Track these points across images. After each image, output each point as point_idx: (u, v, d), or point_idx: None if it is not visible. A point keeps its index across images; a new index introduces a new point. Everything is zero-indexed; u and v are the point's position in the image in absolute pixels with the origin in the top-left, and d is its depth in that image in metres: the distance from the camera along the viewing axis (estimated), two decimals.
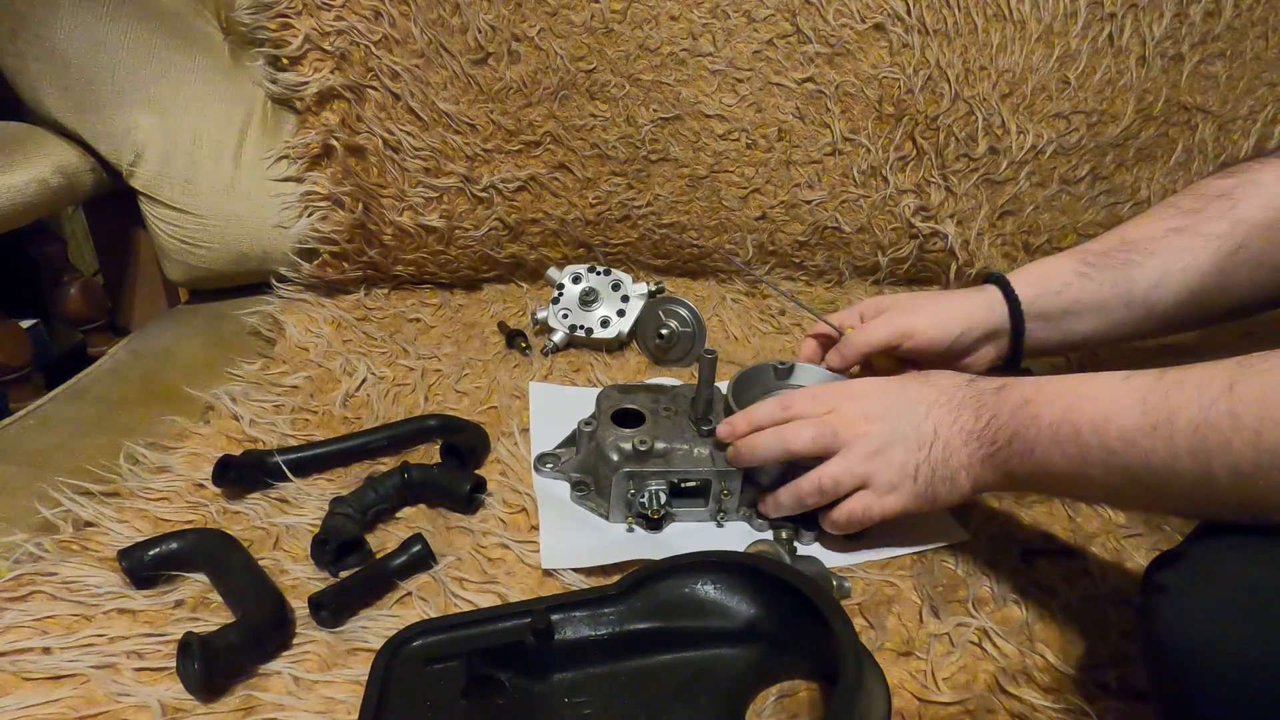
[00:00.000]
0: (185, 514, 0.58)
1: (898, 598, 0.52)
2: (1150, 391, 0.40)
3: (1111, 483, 0.42)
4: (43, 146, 0.84)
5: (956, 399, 0.51)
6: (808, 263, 0.98)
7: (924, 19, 0.89)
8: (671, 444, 0.59)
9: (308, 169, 0.87)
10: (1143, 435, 0.39)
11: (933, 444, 0.51)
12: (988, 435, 0.48)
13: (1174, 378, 0.40)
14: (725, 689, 0.45)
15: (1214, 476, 0.36)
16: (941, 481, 0.51)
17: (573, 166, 0.91)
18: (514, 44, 0.87)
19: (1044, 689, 0.46)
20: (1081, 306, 0.61)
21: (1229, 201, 0.58)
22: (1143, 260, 0.59)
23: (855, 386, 0.56)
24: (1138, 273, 0.59)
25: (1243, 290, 0.58)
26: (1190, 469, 0.37)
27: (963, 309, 0.62)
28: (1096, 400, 0.42)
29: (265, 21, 0.84)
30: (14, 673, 0.45)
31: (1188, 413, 0.37)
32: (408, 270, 0.93)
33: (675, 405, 0.63)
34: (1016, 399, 0.47)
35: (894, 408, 0.53)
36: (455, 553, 0.55)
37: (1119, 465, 0.41)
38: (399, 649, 0.45)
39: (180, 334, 0.87)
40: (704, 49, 0.90)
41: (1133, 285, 0.59)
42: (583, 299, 0.83)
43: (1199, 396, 0.37)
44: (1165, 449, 0.38)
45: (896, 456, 0.52)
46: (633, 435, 0.59)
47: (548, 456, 0.64)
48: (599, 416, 0.62)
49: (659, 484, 0.57)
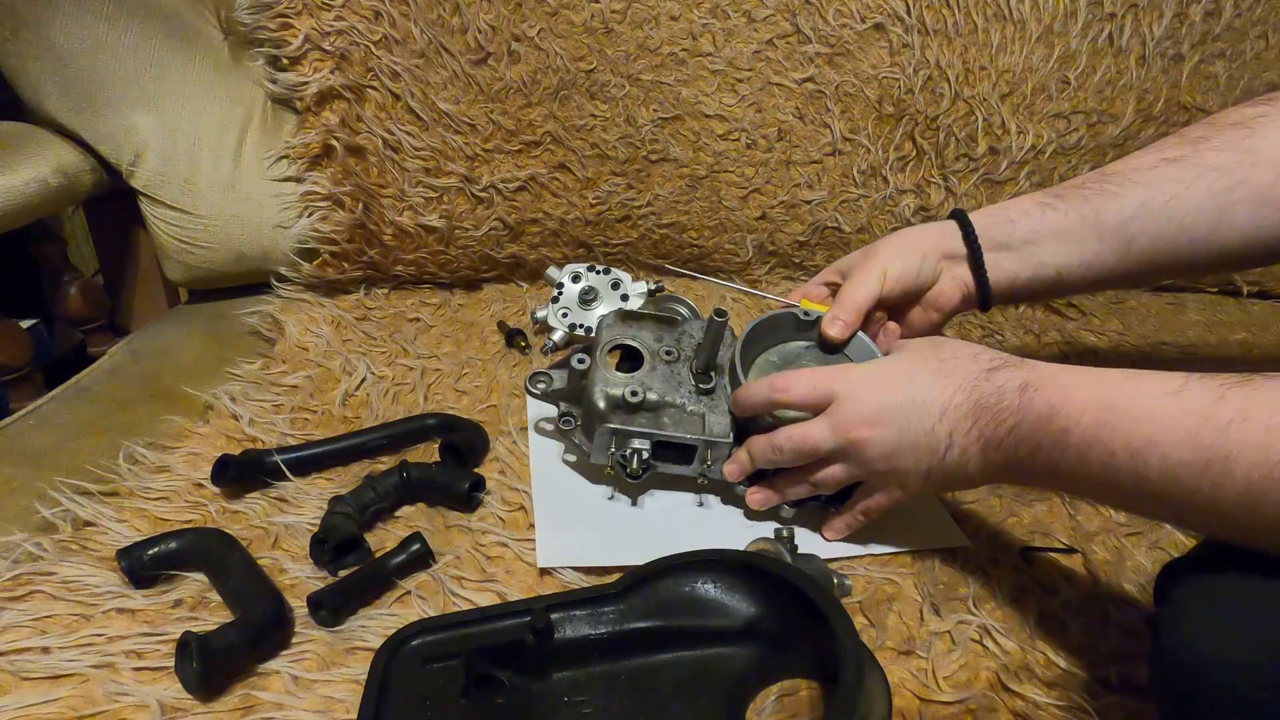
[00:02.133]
0: (184, 513, 0.58)
1: (898, 596, 0.52)
2: (1205, 424, 0.34)
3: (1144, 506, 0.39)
4: (43, 146, 0.84)
5: (974, 397, 0.46)
6: (808, 263, 0.98)
7: (924, 19, 0.89)
8: (664, 397, 0.56)
9: (308, 169, 0.87)
10: (1189, 473, 0.34)
11: (947, 450, 0.47)
12: (1009, 445, 0.44)
13: (1237, 408, 0.34)
14: (725, 688, 0.45)
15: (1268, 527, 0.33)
16: (954, 480, 0.49)
17: (573, 166, 0.91)
18: (514, 44, 0.87)
19: (1046, 686, 0.46)
20: (1043, 235, 0.56)
21: (1244, 130, 0.52)
22: (1119, 190, 0.55)
23: (857, 375, 0.52)
24: (1110, 202, 0.55)
25: (1241, 229, 0.52)
26: (1239, 515, 0.33)
27: (919, 235, 0.59)
28: (1137, 422, 0.37)
29: (265, 21, 0.84)
30: (13, 672, 0.45)
31: (1247, 461, 0.33)
32: (408, 270, 0.93)
33: (679, 347, 0.59)
34: (1042, 406, 0.42)
35: (902, 408, 0.48)
36: (454, 551, 0.55)
37: (1154, 493, 0.37)
38: (398, 648, 0.45)
39: (180, 334, 0.87)
40: (704, 49, 0.90)
41: (1103, 214, 0.55)
42: (582, 298, 0.83)
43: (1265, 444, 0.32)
44: (1212, 492, 0.34)
45: (906, 463, 0.49)
46: (626, 383, 0.56)
47: (540, 376, 0.61)
48: (596, 349, 0.59)
49: (643, 443, 0.55)
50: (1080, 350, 0.85)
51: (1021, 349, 0.86)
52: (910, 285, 0.58)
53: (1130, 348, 0.87)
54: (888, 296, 0.58)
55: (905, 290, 0.58)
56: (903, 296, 0.59)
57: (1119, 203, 0.54)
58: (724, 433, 0.56)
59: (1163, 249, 0.54)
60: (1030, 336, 0.88)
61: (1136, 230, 0.54)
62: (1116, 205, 0.54)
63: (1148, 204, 0.53)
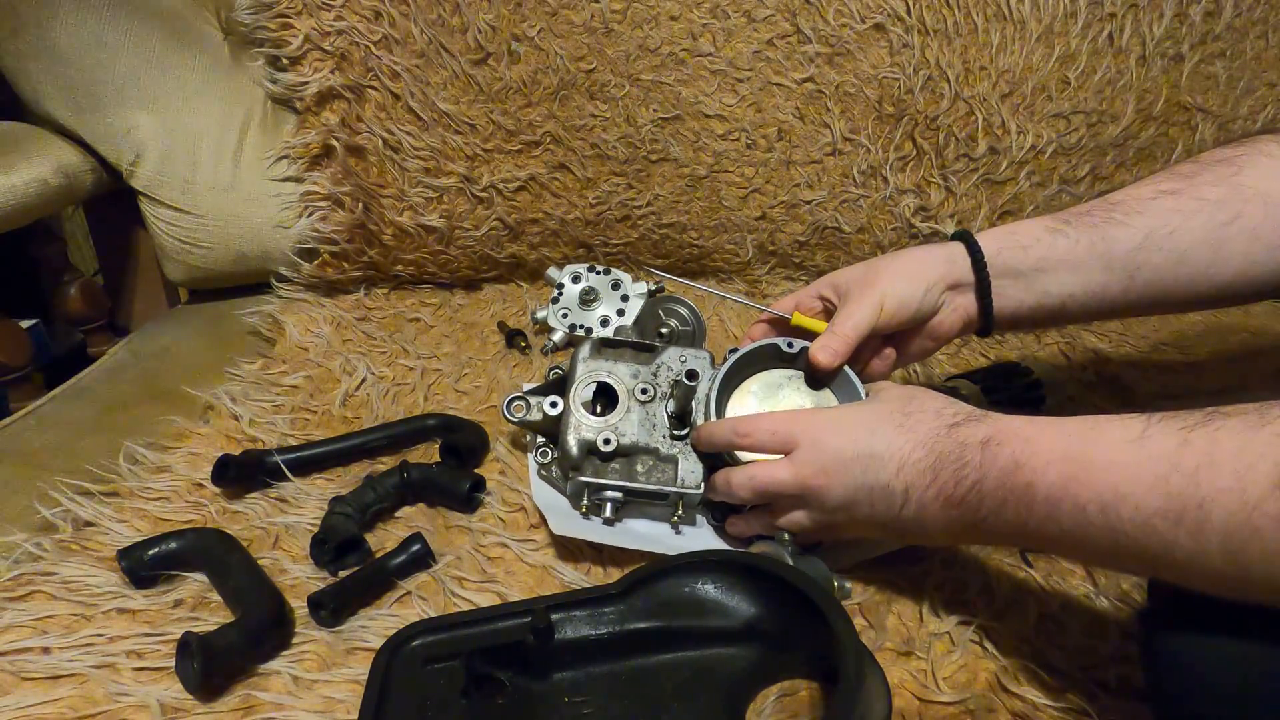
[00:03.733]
0: (185, 514, 0.58)
1: (898, 597, 0.52)
2: (1173, 470, 0.33)
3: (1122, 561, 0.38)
4: (43, 146, 0.84)
5: (934, 453, 0.45)
6: (808, 263, 0.98)
7: (924, 19, 0.89)
8: (638, 441, 0.56)
9: (308, 169, 0.87)
10: (1165, 524, 0.33)
11: (904, 506, 0.46)
12: (971, 502, 0.42)
13: (1202, 451, 0.33)
14: (725, 689, 0.45)
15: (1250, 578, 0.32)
16: (913, 535, 0.48)
17: (573, 166, 0.91)
18: (514, 44, 0.87)
19: (1045, 688, 0.46)
20: (1053, 263, 0.55)
21: (1231, 167, 0.53)
22: (1126, 219, 0.54)
23: (819, 422, 0.51)
24: (1119, 231, 0.54)
25: (1235, 264, 0.53)
26: (1223, 567, 0.32)
27: (923, 262, 0.57)
28: (1103, 472, 0.36)
29: (265, 21, 0.84)
30: (13, 672, 0.45)
31: (1224, 509, 0.32)
32: (408, 270, 0.93)
33: (656, 384, 0.58)
34: (1006, 461, 0.41)
35: (860, 460, 0.47)
36: (454, 552, 0.55)
37: (1131, 547, 0.35)
38: (399, 648, 0.45)
39: (180, 334, 0.87)
40: (704, 49, 0.90)
41: (1112, 244, 0.54)
42: (582, 298, 0.83)
43: (1239, 489, 0.31)
44: (1191, 544, 0.33)
45: (862, 513, 0.48)
46: (599, 429, 0.56)
47: (517, 401, 0.61)
48: (570, 389, 0.59)
49: (616, 493, 0.55)
50: (1080, 350, 0.85)
51: (1021, 349, 0.86)
52: (909, 318, 0.56)
53: (1130, 348, 0.87)
54: (883, 328, 0.56)
55: (903, 322, 0.57)
56: (899, 327, 0.57)
57: (1127, 232, 0.54)
58: (695, 483, 0.56)
59: (1163, 281, 0.54)
60: (1030, 338, 0.88)
61: (1141, 261, 0.54)
62: (1125, 235, 0.54)
63: (1152, 235, 0.53)
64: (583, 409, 0.58)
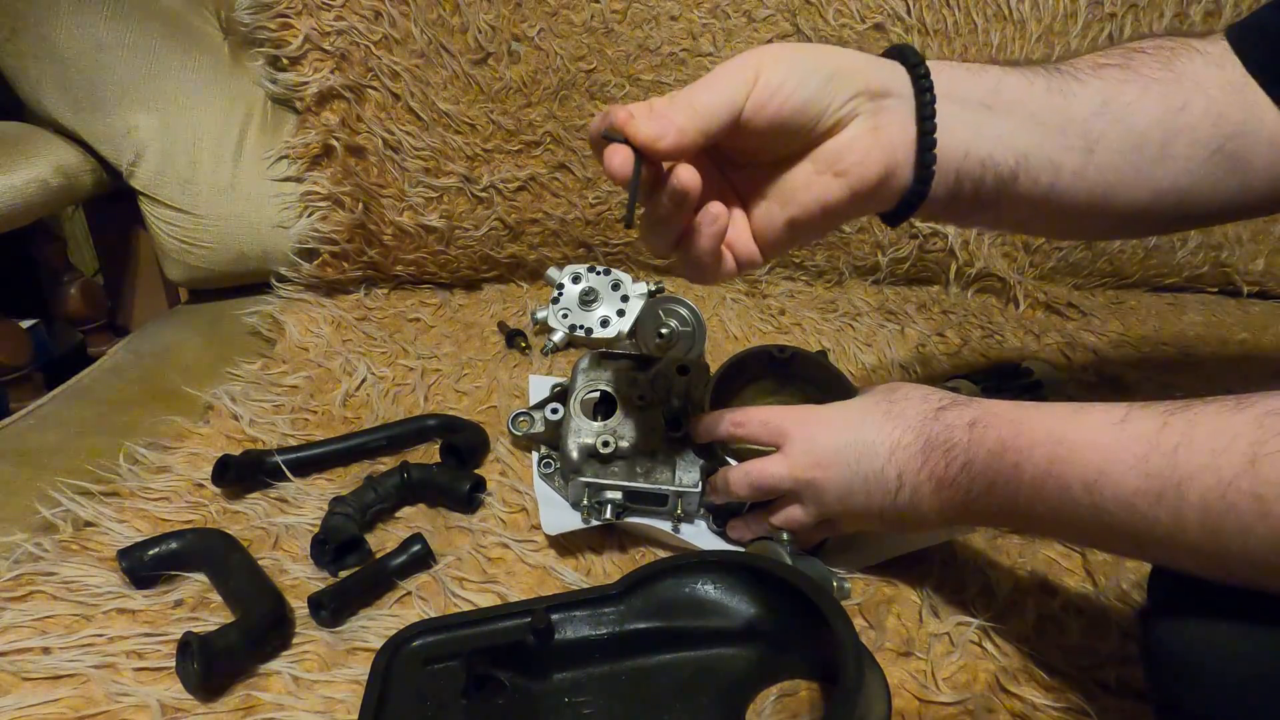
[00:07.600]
0: (185, 514, 0.58)
1: (897, 598, 0.52)
2: (1152, 450, 0.34)
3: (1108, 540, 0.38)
4: (43, 146, 0.84)
5: (923, 438, 0.45)
6: (808, 263, 0.98)
7: (924, 19, 0.89)
8: (637, 445, 0.58)
9: (308, 169, 0.87)
10: (1145, 503, 0.34)
11: (898, 491, 0.46)
12: (961, 483, 0.43)
13: (1181, 432, 0.34)
14: (725, 689, 0.45)
15: (1228, 554, 0.32)
16: (910, 521, 0.48)
17: (573, 166, 0.91)
18: (514, 44, 0.87)
19: (1044, 688, 0.46)
20: (1007, 102, 0.44)
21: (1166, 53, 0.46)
22: (1079, 76, 0.46)
23: (810, 416, 0.51)
24: (1078, 88, 0.45)
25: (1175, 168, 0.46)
26: (1201, 543, 0.33)
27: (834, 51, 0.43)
28: (1086, 453, 0.37)
29: (265, 21, 0.84)
30: (14, 673, 0.45)
31: (1201, 485, 0.32)
32: (408, 270, 0.93)
33: (653, 392, 0.60)
34: (993, 443, 0.41)
35: (852, 449, 0.48)
36: (455, 552, 0.55)
37: (1114, 525, 0.36)
38: (399, 649, 0.45)
39: (180, 334, 0.87)
40: (704, 49, 0.90)
41: (1071, 100, 0.45)
42: (582, 299, 0.83)
43: (1215, 467, 0.32)
44: (1171, 521, 0.33)
45: (858, 503, 0.48)
46: (599, 432, 0.58)
47: (522, 416, 0.65)
48: (570, 397, 0.61)
49: (616, 493, 0.57)
50: (1080, 350, 0.85)
51: (1021, 349, 0.86)
52: (796, 111, 0.40)
53: (1130, 348, 0.87)
54: (753, 119, 0.40)
55: (784, 119, 0.40)
56: (782, 129, 0.41)
57: (1086, 90, 0.45)
58: (693, 483, 0.57)
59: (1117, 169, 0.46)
60: (1030, 337, 0.88)
61: (1099, 133, 0.45)
62: (1084, 93, 0.45)
63: (1110, 103, 0.45)
64: (583, 415, 0.59)
